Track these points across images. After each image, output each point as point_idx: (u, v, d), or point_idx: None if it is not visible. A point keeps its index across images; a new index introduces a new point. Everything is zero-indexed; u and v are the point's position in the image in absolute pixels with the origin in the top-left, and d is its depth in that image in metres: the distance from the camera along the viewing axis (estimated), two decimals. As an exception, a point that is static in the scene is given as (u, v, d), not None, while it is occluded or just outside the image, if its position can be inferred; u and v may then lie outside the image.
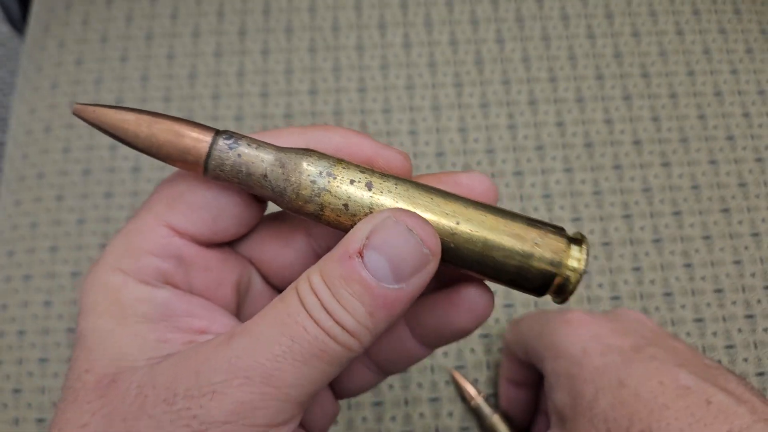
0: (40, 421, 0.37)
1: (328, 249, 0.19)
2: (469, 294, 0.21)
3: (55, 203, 0.42)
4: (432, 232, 0.18)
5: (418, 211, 0.19)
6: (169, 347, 0.18)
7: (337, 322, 0.17)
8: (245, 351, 0.17)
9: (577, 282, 0.19)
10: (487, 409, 0.35)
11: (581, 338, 0.25)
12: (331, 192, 0.19)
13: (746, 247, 0.40)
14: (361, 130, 0.44)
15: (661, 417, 0.22)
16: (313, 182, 0.18)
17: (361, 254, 0.17)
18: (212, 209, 0.20)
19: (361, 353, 0.18)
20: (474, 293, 0.21)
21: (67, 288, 0.40)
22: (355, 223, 0.19)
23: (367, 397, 0.37)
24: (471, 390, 0.36)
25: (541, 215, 0.42)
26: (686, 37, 0.47)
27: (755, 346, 0.38)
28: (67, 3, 0.48)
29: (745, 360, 0.38)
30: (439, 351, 0.38)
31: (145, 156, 0.43)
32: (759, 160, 0.43)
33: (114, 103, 0.45)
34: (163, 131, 0.19)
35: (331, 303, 0.17)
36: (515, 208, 0.42)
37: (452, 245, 0.19)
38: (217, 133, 0.19)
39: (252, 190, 0.19)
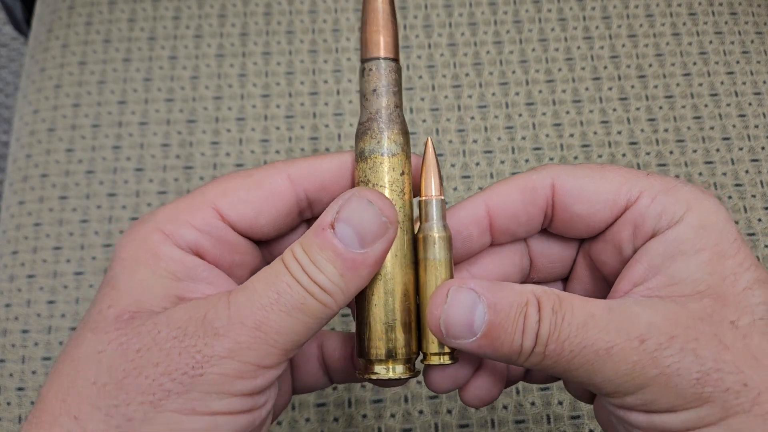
0: (43, 418, 0.38)
1: None
2: None
3: (58, 203, 0.43)
4: (389, 204, 0.21)
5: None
6: (182, 302, 0.21)
7: (314, 282, 0.20)
8: (242, 303, 0.20)
9: (377, 377, 0.22)
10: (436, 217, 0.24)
11: (732, 221, 0.22)
12: (386, 154, 0.22)
13: (742, 247, 0.41)
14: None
15: None
16: (397, 140, 0.23)
17: (332, 226, 0.20)
18: (257, 208, 0.23)
19: (337, 311, 0.21)
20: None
21: (71, 287, 0.41)
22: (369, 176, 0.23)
23: (367, 394, 0.38)
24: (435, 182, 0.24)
25: (540, 215, 0.42)
26: (683, 38, 0.47)
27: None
28: (70, 5, 0.49)
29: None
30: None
31: (148, 156, 0.44)
32: (755, 160, 0.43)
33: (117, 103, 0.45)
34: None
35: (309, 266, 0.20)
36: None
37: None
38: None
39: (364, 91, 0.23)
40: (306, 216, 0.25)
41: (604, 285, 0.25)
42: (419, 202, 0.23)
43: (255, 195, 0.23)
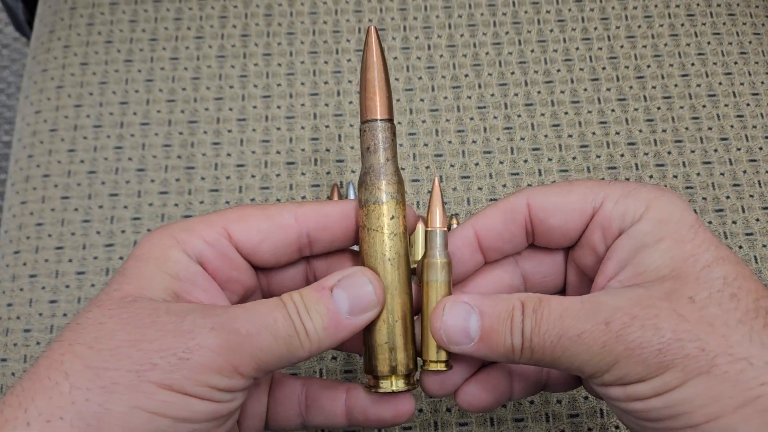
0: (45, 416, 0.38)
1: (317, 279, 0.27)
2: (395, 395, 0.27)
3: (60, 203, 0.43)
4: (382, 288, 0.25)
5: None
6: (178, 300, 0.25)
7: (303, 324, 0.24)
8: (240, 315, 0.23)
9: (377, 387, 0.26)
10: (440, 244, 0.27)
11: (690, 210, 0.25)
12: (384, 206, 0.26)
13: (740, 247, 0.41)
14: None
15: None
16: (388, 193, 0.26)
17: (332, 289, 0.24)
18: (261, 238, 0.26)
19: (306, 358, 0.24)
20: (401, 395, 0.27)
21: (73, 287, 0.41)
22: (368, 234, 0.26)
23: (367, 394, 0.38)
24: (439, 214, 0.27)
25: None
26: (681, 39, 0.47)
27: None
28: (72, 6, 0.49)
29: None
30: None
31: (150, 157, 0.44)
32: (753, 160, 0.43)
33: (118, 103, 0.46)
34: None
35: (303, 311, 0.24)
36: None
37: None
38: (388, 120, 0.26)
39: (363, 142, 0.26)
40: (305, 253, 0.28)
41: (587, 280, 0.28)
42: (425, 233, 0.27)
43: (263, 224, 0.26)
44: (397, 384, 0.26)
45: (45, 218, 0.43)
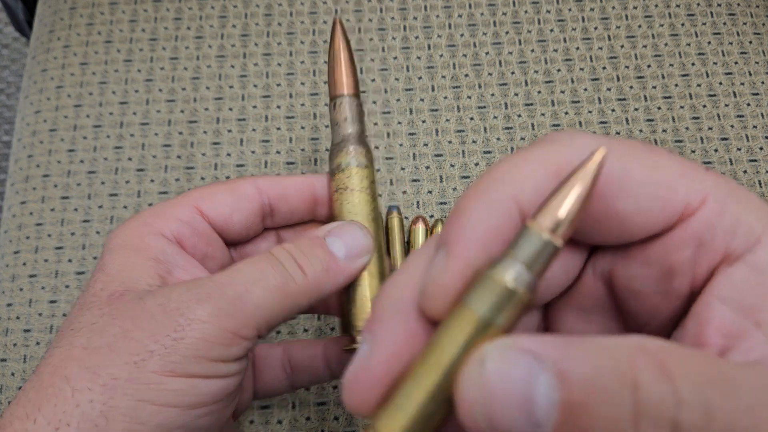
0: (45, 417, 0.38)
1: None
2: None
3: (60, 203, 0.43)
4: (372, 236, 0.26)
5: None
6: (164, 284, 0.24)
7: (299, 266, 0.23)
8: (225, 278, 0.23)
9: None
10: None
11: None
12: (353, 171, 0.27)
13: (740, 247, 0.41)
14: (362, 132, 0.45)
15: None
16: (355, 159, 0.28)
17: (324, 238, 0.25)
18: (231, 208, 0.27)
19: (307, 304, 0.24)
20: None
21: (72, 287, 0.41)
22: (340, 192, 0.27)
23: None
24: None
25: (539, 215, 0.42)
26: (681, 39, 0.47)
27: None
28: (72, 5, 0.49)
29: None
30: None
31: (149, 157, 0.44)
32: (753, 160, 0.43)
33: (118, 103, 0.46)
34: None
35: (299, 255, 0.24)
36: (513, 208, 0.42)
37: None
38: None
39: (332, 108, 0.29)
40: (267, 224, 0.28)
41: (610, 315, 0.18)
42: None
43: (230, 198, 0.27)
44: None
45: (45, 218, 0.43)
